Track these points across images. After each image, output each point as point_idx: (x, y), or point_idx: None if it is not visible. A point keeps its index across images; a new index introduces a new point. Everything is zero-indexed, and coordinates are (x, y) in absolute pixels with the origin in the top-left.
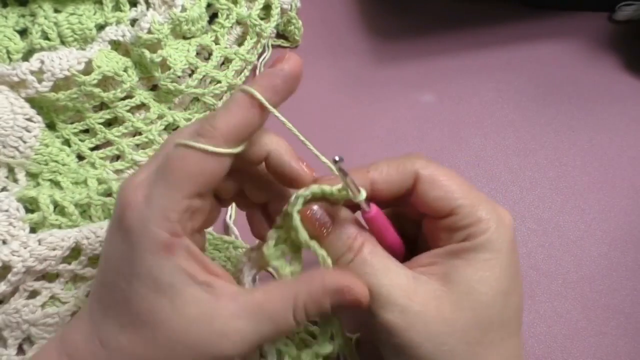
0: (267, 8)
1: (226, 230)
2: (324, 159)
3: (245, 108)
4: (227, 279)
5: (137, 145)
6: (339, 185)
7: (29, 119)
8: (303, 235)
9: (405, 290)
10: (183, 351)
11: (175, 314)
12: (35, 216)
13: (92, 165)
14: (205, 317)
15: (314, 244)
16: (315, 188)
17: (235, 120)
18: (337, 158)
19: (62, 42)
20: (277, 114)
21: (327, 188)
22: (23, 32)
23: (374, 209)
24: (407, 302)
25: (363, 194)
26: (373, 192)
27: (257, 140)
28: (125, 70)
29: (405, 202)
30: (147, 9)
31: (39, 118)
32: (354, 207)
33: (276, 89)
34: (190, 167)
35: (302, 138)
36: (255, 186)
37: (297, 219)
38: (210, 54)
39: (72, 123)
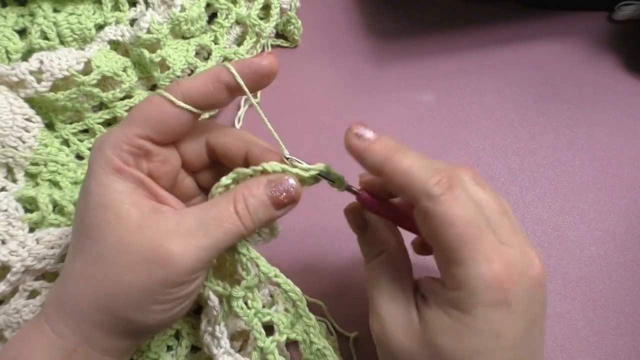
0: (266, 8)
1: None
2: (279, 140)
3: (211, 79)
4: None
5: None
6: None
7: (28, 119)
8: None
9: (391, 309)
10: (129, 258)
11: (119, 225)
12: (34, 216)
13: None
14: (150, 223)
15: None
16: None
17: (198, 85)
18: (287, 155)
19: (61, 42)
20: (244, 87)
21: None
22: (22, 32)
23: (364, 195)
24: (388, 318)
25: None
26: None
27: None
28: (124, 70)
29: None
30: (147, 8)
31: (38, 118)
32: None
33: (245, 75)
34: (149, 110)
35: (265, 120)
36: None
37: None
38: (209, 54)
39: (71, 123)
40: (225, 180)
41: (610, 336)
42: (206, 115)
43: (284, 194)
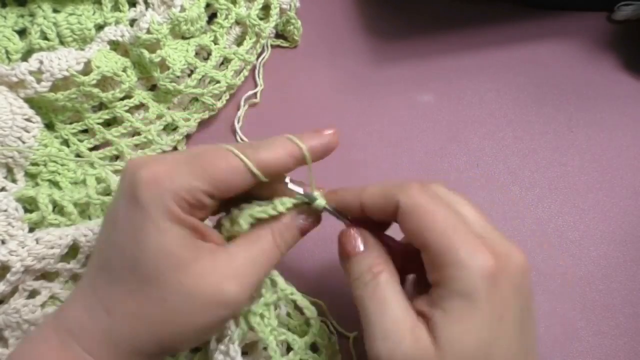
0: (266, 8)
1: None
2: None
3: (287, 154)
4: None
5: (136, 145)
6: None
7: (28, 119)
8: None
9: (401, 329)
10: (193, 302)
11: (182, 272)
12: (34, 216)
13: (91, 165)
14: (208, 268)
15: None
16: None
17: (275, 159)
18: (287, 180)
19: (61, 42)
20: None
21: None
22: (22, 32)
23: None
24: (399, 340)
25: (321, 202)
26: (364, 213)
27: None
28: (124, 71)
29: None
30: (146, 9)
31: (38, 118)
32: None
33: (314, 150)
34: (222, 169)
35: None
36: None
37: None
38: (209, 54)
39: (71, 123)
40: (244, 224)
41: (610, 336)
42: (206, 115)
43: (309, 221)
